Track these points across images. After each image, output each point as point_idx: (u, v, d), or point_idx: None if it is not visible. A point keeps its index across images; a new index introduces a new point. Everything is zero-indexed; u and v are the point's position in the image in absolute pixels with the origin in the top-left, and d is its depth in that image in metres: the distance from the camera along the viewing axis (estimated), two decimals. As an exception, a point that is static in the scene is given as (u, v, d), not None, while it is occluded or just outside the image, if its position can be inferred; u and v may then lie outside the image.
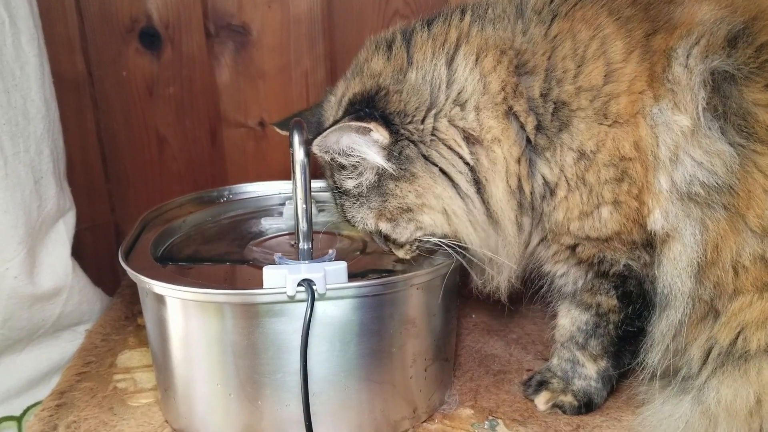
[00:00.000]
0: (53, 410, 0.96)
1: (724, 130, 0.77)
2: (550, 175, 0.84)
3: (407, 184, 0.85)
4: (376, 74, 0.86)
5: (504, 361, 1.10)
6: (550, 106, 0.81)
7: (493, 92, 0.82)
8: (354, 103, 0.85)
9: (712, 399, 0.82)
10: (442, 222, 0.86)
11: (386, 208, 0.87)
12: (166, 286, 0.84)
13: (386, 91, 0.84)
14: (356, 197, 0.89)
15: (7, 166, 1.00)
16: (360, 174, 0.86)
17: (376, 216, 0.88)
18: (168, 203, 1.12)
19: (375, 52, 0.88)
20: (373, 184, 0.86)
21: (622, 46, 0.80)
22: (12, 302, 1.06)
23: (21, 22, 1.03)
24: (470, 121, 0.82)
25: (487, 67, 0.82)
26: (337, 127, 0.81)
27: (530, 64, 0.82)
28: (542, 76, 0.82)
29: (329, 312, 0.83)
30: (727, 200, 0.78)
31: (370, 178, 0.86)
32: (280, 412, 0.86)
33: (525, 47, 0.82)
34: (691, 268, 0.82)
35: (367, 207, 0.88)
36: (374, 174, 0.86)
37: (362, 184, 0.87)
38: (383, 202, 0.87)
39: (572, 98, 0.81)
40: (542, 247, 0.91)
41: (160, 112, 1.44)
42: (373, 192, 0.87)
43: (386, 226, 0.89)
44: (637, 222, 0.83)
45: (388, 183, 0.85)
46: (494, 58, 0.82)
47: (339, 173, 0.88)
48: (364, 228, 0.91)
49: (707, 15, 0.80)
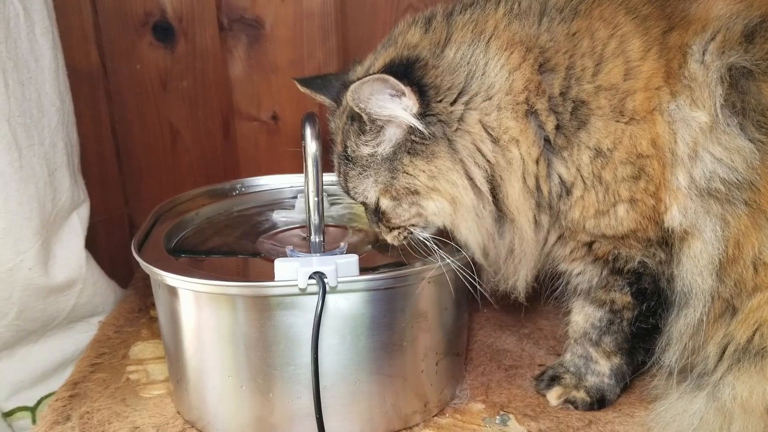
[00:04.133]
0: (66, 401, 0.97)
1: (743, 126, 0.76)
2: (567, 174, 0.83)
3: (423, 162, 0.83)
4: (412, 45, 0.85)
5: (516, 356, 1.09)
6: (570, 105, 0.81)
7: (516, 91, 0.81)
8: (391, 65, 0.83)
9: (728, 395, 0.81)
10: (447, 212, 0.85)
11: (393, 185, 0.85)
12: (178, 278, 0.84)
13: (425, 62, 0.82)
14: (365, 167, 0.87)
15: (21, 158, 1.01)
16: (378, 143, 0.85)
17: (380, 191, 0.87)
18: (180, 196, 1.13)
19: (412, 25, 0.87)
20: (388, 157, 0.85)
21: (640, 44, 0.79)
22: (26, 294, 1.07)
23: (35, 14, 1.03)
24: (492, 119, 0.82)
25: (514, 64, 0.81)
26: (375, 77, 0.79)
27: (552, 62, 0.81)
28: (562, 74, 0.81)
29: (340, 305, 0.83)
30: (748, 196, 0.77)
31: (386, 149, 0.85)
32: (292, 405, 0.86)
33: (549, 45, 0.81)
34: (713, 265, 0.81)
35: (374, 180, 0.86)
36: (392, 146, 0.84)
37: (377, 153, 0.85)
38: (392, 178, 0.85)
39: (591, 97, 0.80)
40: (559, 245, 0.90)
41: (173, 105, 1.44)
42: (384, 165, 0.85)
43: (387, 204, 0.87)
44: (653, 219, 0.83)
45: (404, 158, 0.84)
46: (520, 54, 0.81)
47: (356, 137, 0.86)
48: (362, 200, 0.90)
49: (723, 10, 0.79)
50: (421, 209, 0.86)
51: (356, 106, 0.82)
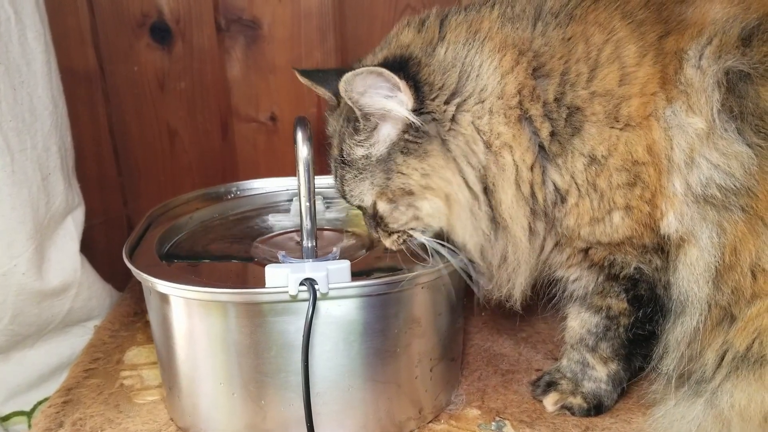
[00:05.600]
0: (59, 407, 0.96)
1: (741, 131, 0.75)
2: (561, 181, 0.82)
3: (417, 161, 0.82)
4: (404, 45, 0.84)
5: (513, 361, 1.08)
6: (564, 111, 0.79)
7: (508, 95, 0.80)
8: (385, 62, 0.82)
9: (726, 403, 0.80)
10: (443, 211, 0.84)
11: (389, 187, 0.84)
12: (169, 285, 0.83)
13: (418, 60, 0.82)
14: (360, 170, 0.86)
15: (14, 162, 1.00)
16: (372, 144, 0.84)
17: (376, 194, 0.86)
18: (174, 200, 1.12)
19: (406, 27, 0.87)
20: (382, 158, 0.84)
21: (635, 49, 0.78)
22: (20, 298, 1.07)
23: (27, 18, 1.02)
24: (484, 123, 0.81)
25: (506, 67, 0.80)
26: (368, 69, 0.78)
27: (547, 67, 0.80)
28: (557, 80, 0.79)
29: (332, 311, 0.82)
30: (746, 202, 0.76)
31: (381, 150, 0.84)
32: (284, 412, 0.85)
33: (543, 50, 0.80)
34: (709, 273, 0.80)
35: (370, 182, 0.85)
36: (386, 147, 0.83)
37: (372, 155, 0.84)
38: (387, 179, 0.84)
39: (586, 103, 0.79)
40: (556, 252, 0.89)
41: (171, 107, 1.44)
42: (379, 166, 0.84)
43: (384, 207, 0.86)
44: (649, 226, 0.81)
45: (397, 157, 0.83)
46: (513, 58, 0.80)
47: (351, 138, 0.85)
48: (359, 204, 0.89)
49: (719, 14, 0.77)
50: (417, 211, 0.85)
51: (349, 98, 0.80)
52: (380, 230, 0.90)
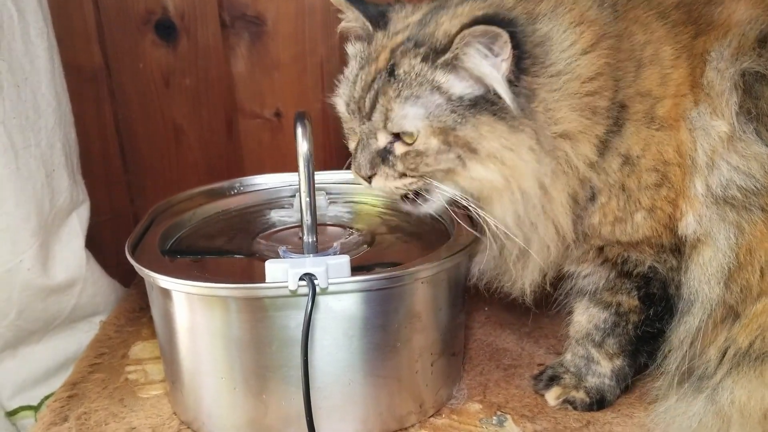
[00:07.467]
0: (65, 401, 0.97)
1: (759, 132, 0.75)
2: (597, 180, 0.80)
3: (506, 128, 0.75)
4: (509, 7, 0.78)
5: (515, 355, 1.08)
6: (616, 108, 0.78)
7: (587, 78, 0.75)
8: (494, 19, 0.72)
9: (726, 399, 0.80)
10: (493, 186, 0.77)
11: (455, 130, 0.76)
12: (171, 280, 0.84)
13: (522, 28, 0.75)
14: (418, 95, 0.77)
15: (18, 159, 1.01)
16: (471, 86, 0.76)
17: (430, 128, 0.77)
18: (177, 196, 1.12)
19: None
20: (466, 103, 0.76)
21: (671, 51, 0.79)
22: (26, 294, 1.07)
23: (30, 16, 1.03)
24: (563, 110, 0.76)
25: (585, 45, 0.76)
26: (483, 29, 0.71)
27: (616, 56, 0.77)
28: (615, 74, 0.78)
29: (332, 306, 0.82)
30: (765, 202, 0.76)
31: (473, 94, 0.76)
32: (285, 406, 0.86)
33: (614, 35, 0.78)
34: (721, 273, 0.80)
35: (425, 111, 0.76)
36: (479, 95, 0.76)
37: (463, 96, 0.76)
38: (457, 123, 0.76)
39: (630, 101, 0.79)
40: (573, 247, 0.88)
41: (176, 103, 1.44)
42: (452, 105, 0.76)
43: (433, 145, 0.77)
44: (668, 227, 0.82)
45: (483, 115, 0.75)
46: (594, 35, 0.76)
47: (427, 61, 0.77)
48: (389, 127, 0.79)
49: (744, 15, 0.78)
50: (462, 167, 0.78)
51: (453, 53, 0.74)
52: (387, 168, 0.82)
